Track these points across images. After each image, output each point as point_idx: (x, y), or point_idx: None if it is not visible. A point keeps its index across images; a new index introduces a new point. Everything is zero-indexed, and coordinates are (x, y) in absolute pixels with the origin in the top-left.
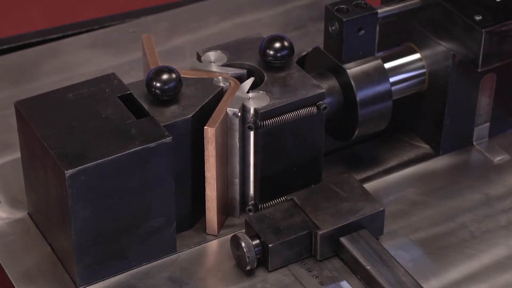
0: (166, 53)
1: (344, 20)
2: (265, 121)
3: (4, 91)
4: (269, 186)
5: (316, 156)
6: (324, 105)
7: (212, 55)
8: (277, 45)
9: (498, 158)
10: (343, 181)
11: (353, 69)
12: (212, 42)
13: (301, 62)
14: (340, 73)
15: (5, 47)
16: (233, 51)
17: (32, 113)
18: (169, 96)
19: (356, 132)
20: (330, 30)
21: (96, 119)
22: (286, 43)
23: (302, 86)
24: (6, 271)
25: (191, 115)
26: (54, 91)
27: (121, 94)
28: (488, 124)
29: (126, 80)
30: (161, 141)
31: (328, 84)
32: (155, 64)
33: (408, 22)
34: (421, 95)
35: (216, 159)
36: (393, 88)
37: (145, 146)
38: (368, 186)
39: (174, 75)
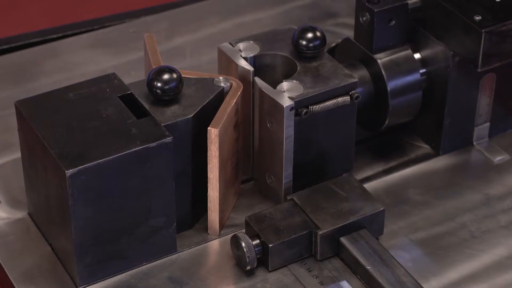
0: (166, 53)
1: (375, 10)
2: (299, 110)
3: (4, 91)
4: (301, 174)
5: (348, 144)
6: (356, 94)
7: (245, 45)
8: (310, 35)
9: (498, 158)
10: (343, 181)
11: (384, 59)
12: (212, 42)
13: (331, 53)
14: (370, 64)
15: (5, 47)
16: (265, 42)
17: (33, 113)
18: (170, 96)
19: (386, 122)
20: (361, 21)
21: (97, 119)
22: (318, 34)
23: (335, 75)
24: (6, 271)
25: (192, 115)
26: (54, 91)
27: (122, 94)
28: (488, 124)
29: (127, 80)
30: (161, 141)
31: (359, 74)
32: (157, 63)
33: (408, 22)
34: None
35: (219, 159)
36: None
37: (145, 146)
38: (368, 186)
39: (175, 75)
